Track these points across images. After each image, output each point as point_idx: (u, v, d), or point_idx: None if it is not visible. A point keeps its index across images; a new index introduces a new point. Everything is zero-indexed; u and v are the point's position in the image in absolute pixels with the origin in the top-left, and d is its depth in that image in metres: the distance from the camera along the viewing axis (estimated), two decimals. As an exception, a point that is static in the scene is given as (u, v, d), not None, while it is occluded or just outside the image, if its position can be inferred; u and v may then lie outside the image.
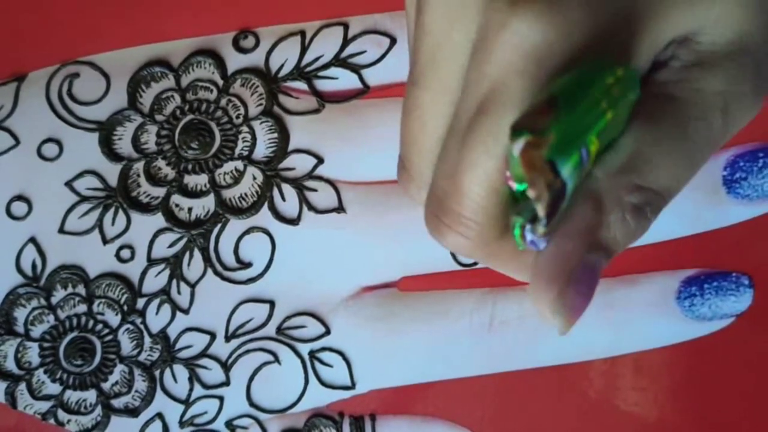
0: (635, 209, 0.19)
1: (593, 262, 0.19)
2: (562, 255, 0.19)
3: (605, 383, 0.34)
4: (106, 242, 0.34)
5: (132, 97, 0.35)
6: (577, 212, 0.19)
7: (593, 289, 0.19)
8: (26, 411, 0.34)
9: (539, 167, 0.17)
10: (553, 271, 0.19)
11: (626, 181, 0.19)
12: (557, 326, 0.19)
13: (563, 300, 0.19)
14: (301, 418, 0.34)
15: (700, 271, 0.34)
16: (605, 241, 0.19)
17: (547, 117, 0.17)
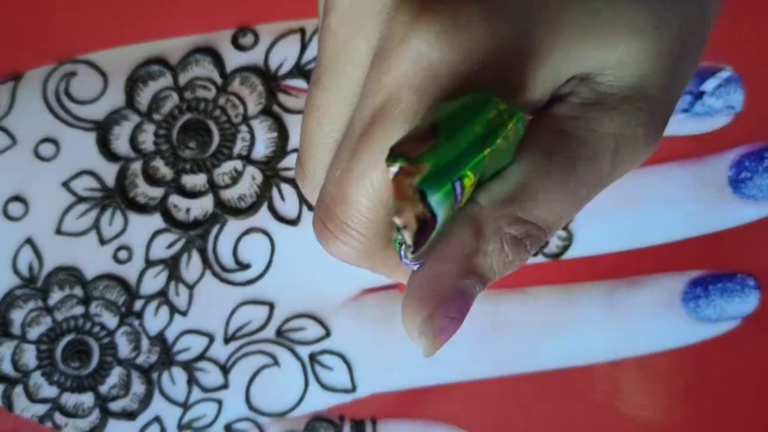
0: (514, 241, 0.19)
1: (466, 287, 0.19)
2: (434, 277, 0.19)
3: (608, 386, 0.34)
4: (103, 243, 0.34)
5: (129, 96, 0.34)
6: (454, 236, 0.19)
7: (464, 314, 0.19)
8: (23, 414, 0.34)
9: (409, 196, 0.17)
10: (424, 293, 0.19)
11: (509, 212, 0.19)
12: (423, 347, 0.19)
13: (431, 322, 0.19)
14: (301, 421, 0.34)
15: (706, 272, 0.34)
16: (481, 268, 0.19)
17: (425, 145, 0.17)
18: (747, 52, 0.33)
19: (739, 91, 0.33)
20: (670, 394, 0.34)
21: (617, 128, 0.20)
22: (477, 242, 0.19)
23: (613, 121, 0.20)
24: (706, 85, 0.33)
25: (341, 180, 0.19)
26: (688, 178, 0.33)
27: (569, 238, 0.33)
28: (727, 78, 0.33)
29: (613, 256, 0.34)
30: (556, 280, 0.34)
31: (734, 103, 0.33)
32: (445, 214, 0.18)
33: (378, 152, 0.18)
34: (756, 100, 0.33)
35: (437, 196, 0.17)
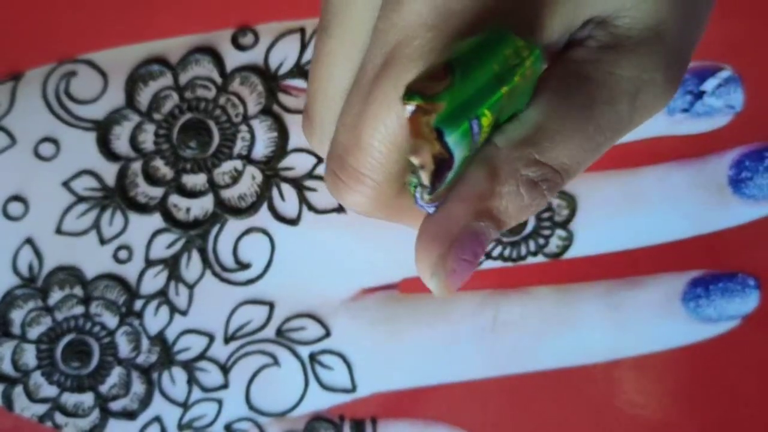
0: (531, 183, 0.19)
1: (480, 229, 0.19)
2: (448, 217, 0.19)
3: (608, 386, 0.34)
4: (103, 243, 0.34)
5: (130, 95, 0.34)
6: (470, 178, 0.19)
7: (477, 258, 0.19)
8: (23, 414, 0.34)
9: (426, 135, 0.17)
10: (438, 232, 0.19)
11: (525, 153, 0.19)
12: (434, 289, 0.19)
13: (443, 263, 0.18)
14: (301, 421, 0.34)
15: (706, 272, 0.34)
16: (495, 210, 0.19)
17: (442, 83, 0.17)
18: (746, 52, 0.33)
19: (739, 91, 0.33)
20: (669, 394, 0.34)
21: (635, 71, 0.19)
22: (492, 184, 0.19)
23: (631, 63, 0.19)
24: (706, 85, 0.33)
25: (354, 126, 0.19)
26: (688, 178, 0.34)
27: (570, 238, 0.33)
28: (727, 78, 0.33)
29: (613, 255, 0.34)
30: (556, 280, 0.34)
31: (734, 103, 0.33)
32: (461, 153, 0.18)
33: (392, 93, 0.18)
34: (756, 100, 0.33)
35: (454, 135, 0.17)
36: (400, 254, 0.34)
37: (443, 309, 0.34)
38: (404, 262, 0.34)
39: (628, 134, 0.34)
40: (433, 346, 0.34)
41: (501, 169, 0.19)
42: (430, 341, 0.34)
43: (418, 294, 0.34)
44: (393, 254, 0.34)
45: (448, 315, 0.34)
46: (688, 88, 0.33)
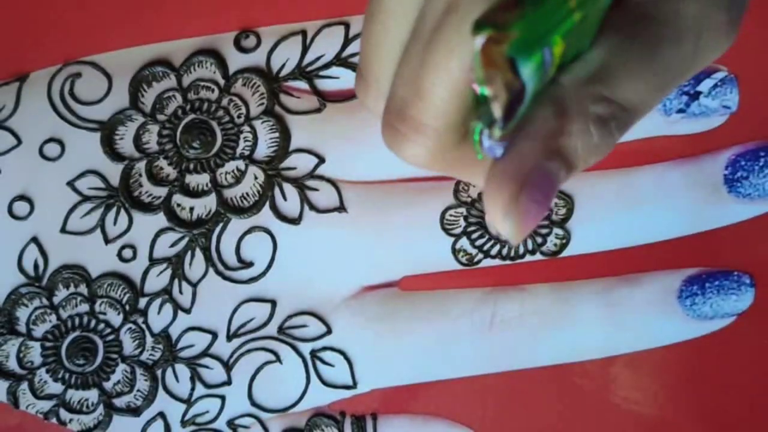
0: (600, 120, 0.19)
1: (551, 169, 0.18)
2: (518, 156, 0.18)
3: (606, 382, 0.34)
4: (108, 242, 0.35)
5: (134, 96, 0.35)
6: (538, 116, 0.18)
7: (549, 199, 0.19)
8: (28, 410, 0.34)
9: (499, 64, 0.16)
10: (508, 172, 0.18)
11: (593, 90, 0.19)
12: (507, 231, 0.18)
13: (515, 204, 0.18)
14: (302, 417, 0.35)
15: (702, 270, 0.34)
16: (565, 149, 0.19)
17: (512, 13, 0.17)
18: (742, 53, 0.34)
19: (735, 92, 0.33)
20: (666, 390, 0.34)
21: (700, 10, 0.19)
22: (562, 121, 0.18)
23: (696, 2, 0.19)
24: (702, 86, 0.33)
25: (414, 76, 0.19)
26: (684, 178, 0.34)
27: (567, 236, 0.34)
28: (723, 78, 0.33)
29: (610, 254, 0.34)
30: (553, 278, 0.34)
31: (730, 104, 0.33)
32: (533, 84, 0.17)
33: (456, 39, 0.18)
34: (751, 100, 0.33)
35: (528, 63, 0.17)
36: (400, 252, 0.34)
37: (443, 306, 0.34)
38: (404, 259, 0.34)
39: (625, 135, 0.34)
40: (432, 342, 0.34)
41: (570, 106, 0.19)
42: (430, 338, 0.34)
43: (417, 291, 0.35)
44: (393, 252, 0.34)
45: (448, 312, 0.34)
46: (684, 88, 0.33)
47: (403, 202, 0.34)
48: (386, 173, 0.34)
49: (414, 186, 0.34)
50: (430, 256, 0.34)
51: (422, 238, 0.34)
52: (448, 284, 0.34)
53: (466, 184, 0.34)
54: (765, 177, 0.33)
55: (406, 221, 0.34)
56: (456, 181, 0.34)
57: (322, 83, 0.35)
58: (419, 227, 0.34)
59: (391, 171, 0.34)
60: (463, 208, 0.34)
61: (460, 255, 0.34)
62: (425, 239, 0.34)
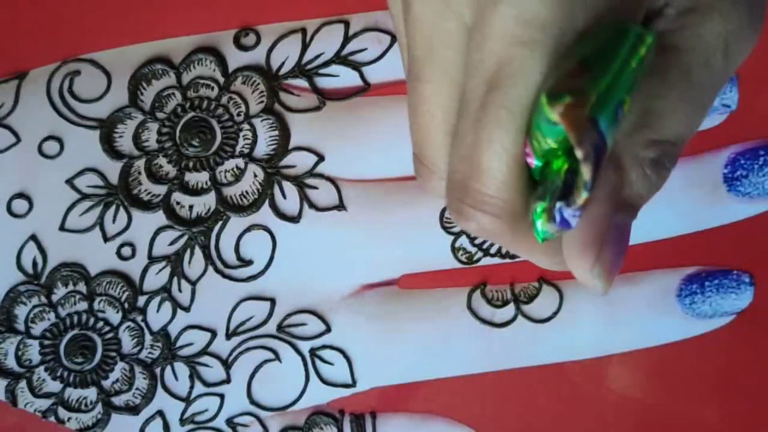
0: (654, 163, 0.20)
1: (622, 221, 0.20)
2: (592, 221, 0.19)
3: (605, 381, 0.34)
4: (107, 240, 0.34)
5: (133, 94, 0.35)
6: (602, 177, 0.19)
7: (626, 247, 0.20)
8: (27, 409, 0.34)
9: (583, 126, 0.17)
10: (588, 239, 0.19)
11: (642, 138, 0.20)
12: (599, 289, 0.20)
13: (601, 264, 0.19)
14: (301, 415, 0.35)
15: (701, 268, 0.34)
16: (630, 199, 0.20)
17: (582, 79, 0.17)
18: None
19: (735, 90, 0.33)
20: (665, 389, 0.34)
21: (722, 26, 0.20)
22: (621, 175, 0.20)
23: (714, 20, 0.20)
24: (701, 85, 0.33)
25: (471, 154, 0.19)
26: (684, 176, 0.34)
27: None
28: (723, 77, 0.33)
29: (609, 252, 0.34)
30: (553, 276, 0.34)
31: (730, 102, 0.33)
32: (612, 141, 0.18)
33: (504, 114, 0.18)
34: (751, 99, 0.34)
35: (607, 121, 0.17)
36: (399, 250, 0.34)
37: (442, 305, 0.34)
38: (404, 258, 0.34)
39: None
40: (431, 341, 0.34)
41: (624, 158, 0.20)
42: (429, 336, 0.34)
43: (417, 290, 0.35)
44: (393, 251, 0.34)
45: (447, 310, 0.34)
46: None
47: (403, 200, 0.34)
48: (386, 172, 0.34)
49: (414, 184, 0.34)
50: (430, 254, 0.34)
51: (422, 237, 0.34)
52: (447, 283, 0.34)
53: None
54: (764, 176, 0.33)
55: (406, 219, 0.34)
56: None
57: (322, 81, 0.35)
58: (419, 225, 0.34)
59: (390, 169, 0.34)
60: (463, 207, 0.34)
61: (460, 253, 0.34)
62: (425, 237, 0.34)
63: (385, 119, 0.34)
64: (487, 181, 0.19)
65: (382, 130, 0.34)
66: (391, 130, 0.34)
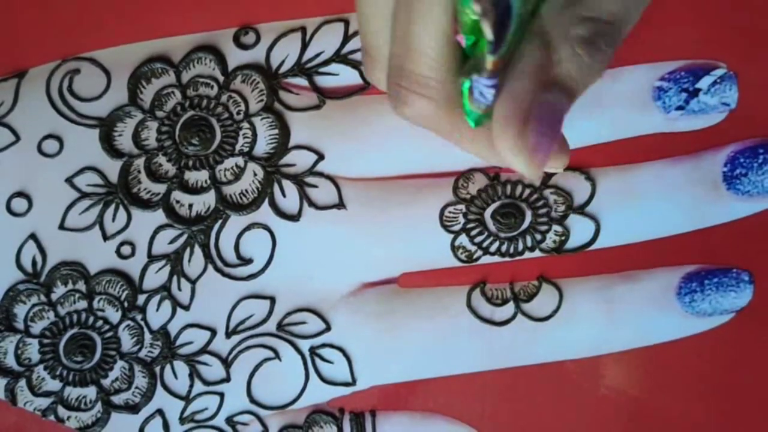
0: (585, 41, 0.19)
1: (551, 99, 0.19)
2: (514, 95, 0.19)
3: (603, 379, 0.34)
4: (106, 238, 0.34)
5: (132, 93, 0.35)
6: (525, 52, 0.19)
7: (556, 130, 0.19)
8: (26, 408, 0.34)
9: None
10: (508, 111, 0.19)
11: (573, 14, 0.19)
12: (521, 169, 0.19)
13: (523, 140, 0.19)
14: (301, 414, 0.35)
15: (701, 267, 0.34)
16: (559, 77, 0.19)
17: None
18: (741, 49, 0.34)
19: (734, 89, 0.33)
20: (664, 387, 0.34)
21: None
22: (548, 52, 0.19)
23: None
24: (701, 83, 0.33)
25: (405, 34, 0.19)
26: (683, 175, 0.34)
27: (566, 233, 0.34)
28: (722, 75, 0.33)
29: (608, 251, 0.34)
30: (552, 274, 0.34)
31: (729, 101, 0.33)
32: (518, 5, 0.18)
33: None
34: (751, 98, 0.34)
35: None
36: (399, 249, 0.34)
37: (442, 303, 0.34)
38: (403, 256, 0.34)
39: (624, 133, 0.35)
40: (431, 339, 0.34)
41: (552, 34, 0.19)
42: (429, 335, 0.34)
43: (417, 288, 0.35)
44: (392, 249, 0.34)
45: (447, 309, 0.34)
46: (683, 85, 0.33)
47: (403, 199, 0.34)
48: (385, 170, 0.34)
49: (413, 183, 0.34)
50: (429, 253, 0.34)
51: (421, 235, 0.34)
52: (447, 281, 0.34)
53: (465, 181, 0.34)
54: (764, 174, 0.33)
55: (405, 218, 0.34)
56: (455, 177, 0.34)
57: (322, 80, 0.35)
58: (418, 224, 0.34)
59: (390, 168, 0.34)
60: (462, 205, 0.34)
61: (459, 252, 0.34)
62: (424, 236, 0.34)
63: (384, 118, 0.34)
64: (420, 60, 0.19)
65: (381, 128, 0.34)
66: (391, 128, 0.34)
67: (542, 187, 0.34)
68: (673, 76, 0.33)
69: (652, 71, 0.34)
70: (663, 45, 0.34)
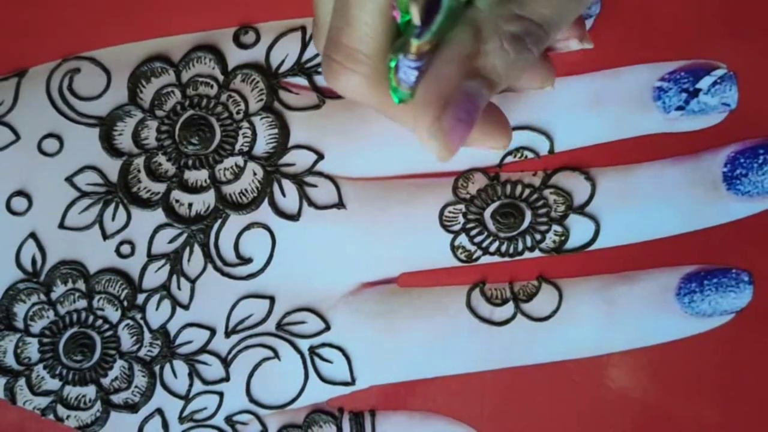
0: (514, 38, 0.20)
1: (471, 88, 0.19)
2: (438, 79, 0.19)
3: (603, 379, 0.34)
4: (106, 238, 0.34)
5: (132, 92, 0.35)
6: (455, 39, 0.19)
7: (473, 117, 0.20)
8: (26, 407, 0.34)
9: None
10: (430, 94, 0.19)
11: (505, 10, 0.20)
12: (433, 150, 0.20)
13: (439, 123, 0.19)
14: (300, 413, 0.35)
15: (700, 267, 0.34)
16: (484, 69, 0.20)
17: None
18: (742, 50, 0.34)
19: (734, 89, 0.33)
20: (663, 387, 0.34)
21: None
22: (477, 42, 0.19)
23: None
24: (701, 83, 0.33)
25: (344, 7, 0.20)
26: (683, 175, 0.34)
27: (565, 233, 0.34)
28: (722, 76, 0.33)
29: (608, 251, 0.34)
30: (552, 275, 0.34)
31: (729, 101, 0.33)
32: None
33: None
34: (751, 98, 0.34)
35: None
36: (398, 249, 0.34)
37: (441, 303, 0.34)
38: (403, 256, 0.34)
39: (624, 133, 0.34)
40: (430, 339, 0.34)
41: (483, 27, 0.20)
42: (428, 335, 0.34)
43: (416, 288, 0.35)
44: (392, 249, 0.34)
45: (446, 309, 0.34)
46: (683, 86, 0.33)
47: (402, 198, 0.34)
48: (385, 170, 0.34)
49: (413, 183, 0.34)
50: (429, 252, 0.34)
51: (421, 235, 0.34)
52: (446, 281, 0.34)
53: (465, 181, 0.34)
54: (764, 174, 0.33)
55: (405, 218, 0.34)
56: (455, 177, 0.34)
57: (322, 79, 0.35)
58: (418, 224, 0.34)
59: (390, 168, 0.34)
60: (462, 205, 0.34)
61: (459, 252, 0.34)
62: (424, 236, 0.34)
63: (384, 117, 0.34)
64: (354, 34, 0.20)
65: (381, 128, 0.34)
66: (390, 128, 0.34)
67: (542, 187, 0.34)
68: (673, 77, 0.33)
69: (652, 71, 0.34)
70: (663, 45, 0.34)
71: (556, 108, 0.34)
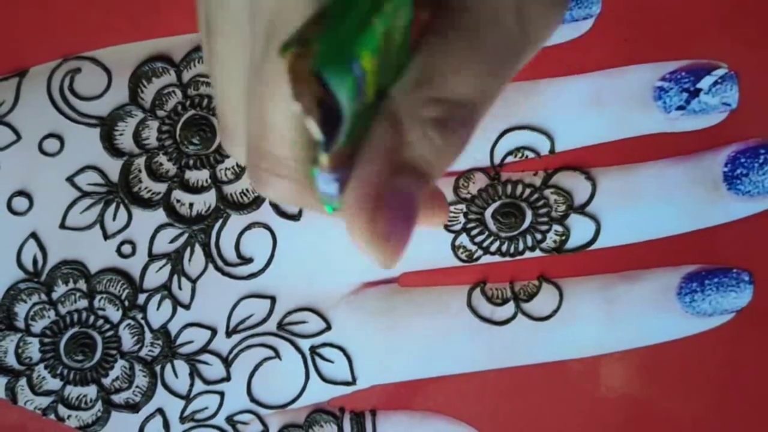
0: (436, 124, 0.18)
1: (402, 184, 0.18)
2: (363, 181, 0.17)
3: (604, 378, 0.34)
4: (107, 237, 0.34)
5: (133, 92, 0.35)
6: (375, 135, 0.18)
7: (411, 215, 0.18)
8: (27, 406, 0.34)
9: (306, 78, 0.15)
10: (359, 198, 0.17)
11: (422, 95, 0.18)
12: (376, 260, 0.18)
13: (374, 228, 0.17)
14: (301, 413, 0.35)
15: (701, 267, 0.34)
16: (412, 161, 0.18)
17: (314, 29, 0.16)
18: (742, 49, 0.34)
19: (735, 89, 0.33)
20: (664, 387, 0.34)
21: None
22: (397, 134, 0.18)
23: None
24: (702, 83, 0.33)
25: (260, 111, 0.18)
26: (684, 175, 0.34)
27: (566, 233, 0.34)
28: (723, 75, 0.33)
29: (609, 250, 0.34)
30: (553, 274, 0.34)
31: (730, 101, 0.34)
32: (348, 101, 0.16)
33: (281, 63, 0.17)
34: (751, 98, 0.34)
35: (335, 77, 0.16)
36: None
37: (442, 302, 0.34)
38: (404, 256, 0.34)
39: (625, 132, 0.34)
40: (431, 339, 0.34)
41: (402, 117, 0.18)
42: (429, 334, 0.34)
43: (417, 287, 0.35)
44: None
45: (447, 308, 0.34)
46: (684, 85, 0.33)
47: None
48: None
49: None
50: (430, 252, 0.34)
51: (422, 235, 0.34)
52: (447, 280, 0.34)
53: (465, 181, 0.34)
54: (764, 174, 0.33)
55: (406, 217, 0.34)
56: (456, 177, 0.34)
57: (322, 79, 0.35)
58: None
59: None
60: (463, 205, 0.34)
61: (460, 251, 0.34)
62: (425, 235, 0.34)
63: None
64: (276, 140, 0.18)
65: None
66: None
67: (543, 187, 0.34)
68: (674, 76, 0.33)
69: (653, 71, 0.34)
70: (664, 45, 0.34)
71: (557, 107, 0.34)
